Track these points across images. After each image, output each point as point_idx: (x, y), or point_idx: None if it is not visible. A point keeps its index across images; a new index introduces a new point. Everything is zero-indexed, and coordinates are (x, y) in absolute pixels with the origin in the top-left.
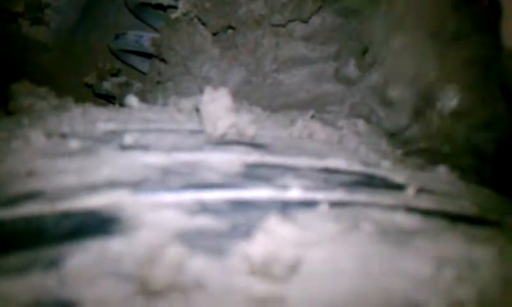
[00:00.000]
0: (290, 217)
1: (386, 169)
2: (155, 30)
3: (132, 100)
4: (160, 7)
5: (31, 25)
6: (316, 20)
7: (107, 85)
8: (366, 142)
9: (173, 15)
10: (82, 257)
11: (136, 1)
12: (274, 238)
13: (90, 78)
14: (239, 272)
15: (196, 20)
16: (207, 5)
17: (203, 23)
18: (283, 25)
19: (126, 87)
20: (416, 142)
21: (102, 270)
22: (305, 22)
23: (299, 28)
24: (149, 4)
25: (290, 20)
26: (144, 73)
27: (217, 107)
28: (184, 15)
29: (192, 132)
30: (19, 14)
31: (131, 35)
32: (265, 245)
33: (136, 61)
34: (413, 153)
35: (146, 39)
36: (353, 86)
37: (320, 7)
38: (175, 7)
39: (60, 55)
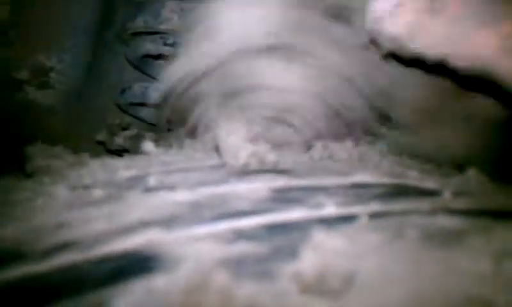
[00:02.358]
0: (334, 231)
1: (415, 178)
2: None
3: (148, 145)
4: (161, 57)
5: (37, 90)
6: None
7: (119, 140)
8: (387, 157)
9: None
10: (129, 298)
11: (138, 54)
12: (323, 252)
13: (101, 136)
14: (292, 292)
15: None
16: None
17: None
18: None
19: (138, 140)
20: None
21: None
22: None
23: None
24: (150, 56)
25: None
26: (153, 124)
27: (236, 139)
28: None
29: (214, 167)
30: (25, 81)
31: (137, 87)
32: (315, 260)
33: (144, 112)
34: None
35: (152, 89)
36: None
37: None
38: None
39: (69, 116)
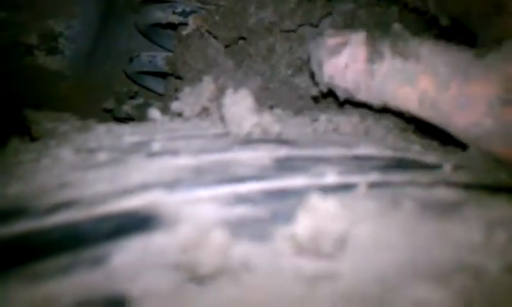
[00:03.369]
0: (330, 197)
1: (417, 152)
2: (167, 50)
3: (154, 112)
4: (170, 26)
5: (46, 55)
6: (326, 22)
7: (126, 108)
8: (392, 132)
9: (185, 32)
10: (127, 253)
11: (147, 23)
12: (318, 215)
13: (109, 103)
14: (286, 253)
15: (207, 34)
16: (217, 18)
17: (215, 37)
18: (294, 30)
19: (145, 108)
20: None
21: (148, 263)
22: (315, 25)
23: (310, 31)
24: (159, 25)
25: (301, 25)
26: (160, 94)
27: (240, 108)
28: (195, 30)
29: (218, 136)
30: (33, 46)
31: (145, 56)
32: (309, 223)
33: (151, 82)
34: None
35: (160, 59)
36: None
37: (329, 13)
38: (186, 24)
39: (77, 83)
